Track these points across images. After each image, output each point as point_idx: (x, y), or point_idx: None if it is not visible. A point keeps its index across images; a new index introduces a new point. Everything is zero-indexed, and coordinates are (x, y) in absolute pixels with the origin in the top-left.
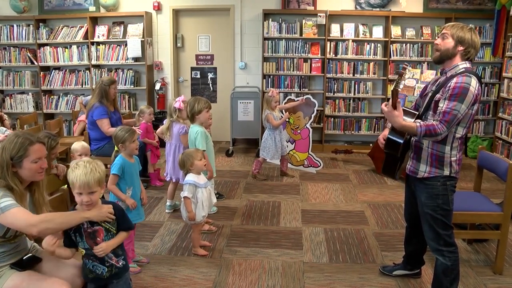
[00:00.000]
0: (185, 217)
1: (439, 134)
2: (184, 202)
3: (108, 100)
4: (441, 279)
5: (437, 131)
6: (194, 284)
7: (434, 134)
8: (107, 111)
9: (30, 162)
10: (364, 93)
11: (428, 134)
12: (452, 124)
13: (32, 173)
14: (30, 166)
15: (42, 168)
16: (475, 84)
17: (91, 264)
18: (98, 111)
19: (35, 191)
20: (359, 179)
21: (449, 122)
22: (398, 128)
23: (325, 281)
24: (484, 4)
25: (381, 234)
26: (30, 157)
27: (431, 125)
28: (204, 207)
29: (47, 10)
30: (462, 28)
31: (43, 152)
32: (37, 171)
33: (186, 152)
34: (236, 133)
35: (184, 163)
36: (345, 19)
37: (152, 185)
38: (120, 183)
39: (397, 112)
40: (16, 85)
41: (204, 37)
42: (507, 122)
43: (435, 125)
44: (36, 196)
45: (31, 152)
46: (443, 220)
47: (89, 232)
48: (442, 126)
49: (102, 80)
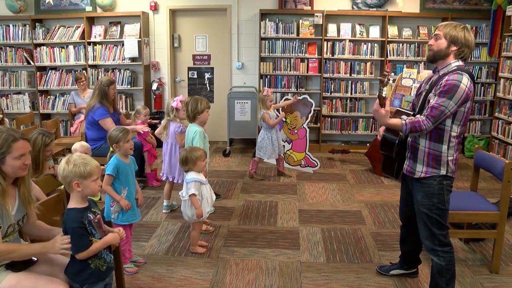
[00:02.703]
0: (189, 216)
1: (424, 129)
2: (191, 199)
3: (108, 100)
4: (437, 280)
5: (422, 127)
6: (191, 284)
7: (419, 130)
8: (108, 111)
9: (13, 158)
10: (361, 93)
11: (413, 130)
12: (438, 120)
13: (15, 170)
14: (13, 163)
15: (26, 164)
16: (466, 82)
17: (105, 253)
18: (99, 111)
19: (21, 186)
20: (356, 179)
21: (435, 117)
22: (386, 126)
23: (322, 281)
24: (480, 4)
25: (378, 234)
26: (13, 153)
27: (417, 122)
28: (209, 203)
29: (44, 10)
30: (455, 27)
31: (26, 148)
32: (20, 167)
33: (191, 149)
34: (233, 133)
35: (188, 161)
36: (342, 19)
37: (149, 185)
38: (115, 183)
39: (383, 111)
40: (13, 85)
41: (201, 37)
42: (503, 122)
43: (420, 121)
44: (22, 191)
45: (14, 148)
46: (438, 220)
47: (96, 222)
48: (428, 122)
49: (101, 81)
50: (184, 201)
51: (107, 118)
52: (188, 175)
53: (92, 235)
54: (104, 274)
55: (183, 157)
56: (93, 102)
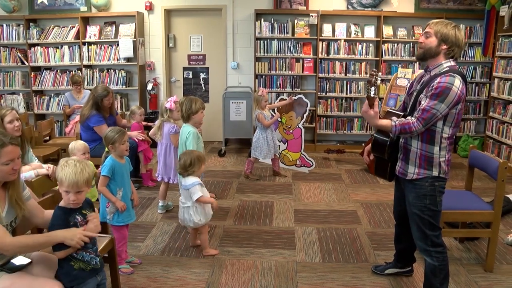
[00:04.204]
0: (196, 221)
1: (414, 131)
2: (201, 201)
3: (103, 109)
4: (430, 279)
5: (412, 129)
6: (187, 284)
7: (409, 132)
8: (103, 117)
9: (1, 164)
10: (356, 92)
11: (403, 132)
12: (429, 123)
13: (3, 174)
14: (2, 168)
15: (14, 169)
16: (458, 84)
17: (89, 257)
18: (94, 118)
19: (10, 189)
20: (351, 178)
21: (426, 120)
22: (375, 127)
23: (318, 281)
24: (474, 4)
25: (374, 233)
26: (2, 159)
27: (406, 124)
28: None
29: (38, 10)
30: (446, 25)
31: (15, 153)
32: (8, 172)
33: (191, 153)
34: (228, 133)
35: (194, 164)
36: (337, 19)
37: (144, 186)
38: (111, 184)
39: (372, 112)
40: (7, 85)
41: (196, 37)
42: (497, 121)
43: (410, 123)
44: (11, 193)
45: (2, 154)
46: (430, 221)
47: (84, 224)
48: (419, 124)
49: (96, 91)
50: (188, 208)
51: (102, 125)
52: (187, 180)
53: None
54: (89, 274)
55: (186, 161)
56: (87, 111)
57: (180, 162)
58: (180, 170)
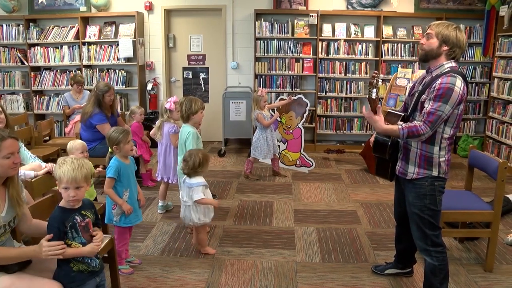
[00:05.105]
0: (195, 220)
1: (422, 134)
2: (202, 202)
3: (105, 106)
4: (430, 279)
5: (420, 132)
6: (186, 284)
7: (417, 135)
8: (106, 116)
9: (1, 158)
10: (356, 92)
11: (411, 135)
12: (436, 125)
13: (5, 169)
14: (2, 162)
15: (15, 163)
16: (460, 84)
17: (89, 258)
18: (97, 117)
19: (10, 187)
20: (351, 178)
21: (433, 122)
22: (381, 132)
23: (317, 281)
24: (474, 5)
25: (374, 233)
26: (2, 152)
27: (414, 127)
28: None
29: (37, 10)
30: (447, 27)
31: (15, 147)
32: (9, 166)
33: (198, 152)
34: (228, 133)
35: (203, 164)
36: (336, 19)
37: (144, 186)
38: (117, 185)
39: (377, 117)
40: (6, 85)
41: (196, 37)
42: (497, 121)
43: (417, 126)
44: (11, 192)
45: (2, 147)
46: (430, 221)
47: (83, 225)
48: (426, 127)
49: (97, 88)
50: (188, 206)
51: (105, 124)
52: (193, 179)
53: (72, 239)
54: (88, 276)
55: (196, 162)
56: (90, 108)
57: (189, 163)
58: (189, 171)
